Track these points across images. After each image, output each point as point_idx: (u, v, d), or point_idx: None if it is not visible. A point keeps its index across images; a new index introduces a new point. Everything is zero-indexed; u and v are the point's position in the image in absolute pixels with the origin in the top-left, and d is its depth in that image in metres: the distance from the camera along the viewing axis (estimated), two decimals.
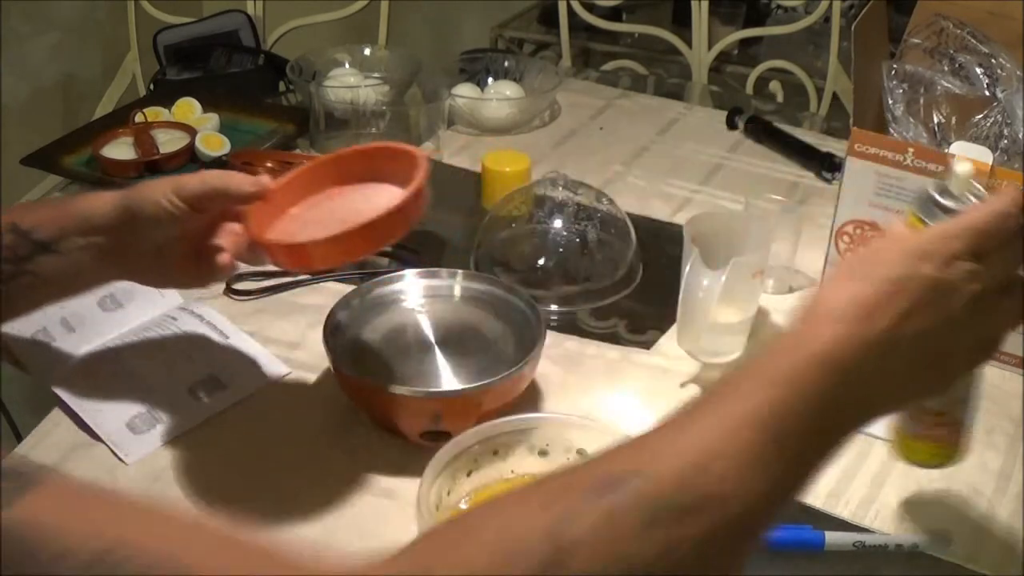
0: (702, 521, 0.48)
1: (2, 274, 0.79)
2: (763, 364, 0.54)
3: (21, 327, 0.95)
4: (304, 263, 0.81)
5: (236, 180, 0.80)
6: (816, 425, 0.52)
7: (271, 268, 1.07)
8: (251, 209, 0.80)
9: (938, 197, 0.64)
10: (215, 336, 0.96)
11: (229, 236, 0.82)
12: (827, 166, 1.30)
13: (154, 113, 1.34)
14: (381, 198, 0.79)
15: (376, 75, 1.52)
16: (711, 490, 0.48)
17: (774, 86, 1.97)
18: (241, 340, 0.96)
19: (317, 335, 0.89)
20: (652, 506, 0.47)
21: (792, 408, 0.51)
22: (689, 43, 1.90)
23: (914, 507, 0.81)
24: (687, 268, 0.90)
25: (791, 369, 0.52)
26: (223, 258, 0.80)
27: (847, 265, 0.59)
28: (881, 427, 0.88)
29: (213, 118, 1.35)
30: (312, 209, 0.83)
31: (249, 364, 0.93)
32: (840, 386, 0.53)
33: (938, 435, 0.78)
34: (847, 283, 0.56)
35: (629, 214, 1.12)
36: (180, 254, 0.82)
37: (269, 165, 1.18)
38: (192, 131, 1.28)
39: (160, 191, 0.79)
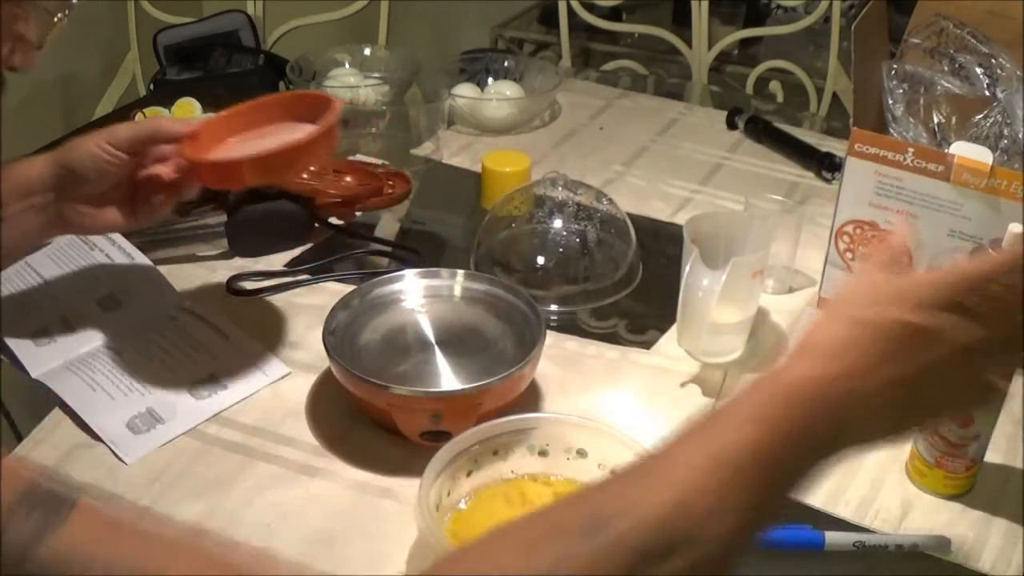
0: (686, 558, 0.50)
1: None
2: (742, 400, 0.55)
3: (21, 327, 0.95)
4: (233, 181, 0.88)
5: (165, 122, 0.88)
6: (790, 458, 0.53)
7: (271, 268, 1.08)
8: (183, 144, 0.86)
9: (991, 252, 0.72)
10: (215, 336, 0.96)
11: (159, 177, 0.88)
12: (827, 166, 1.30)
13: (154, 113, 1.34)
14: (301, 133, 0.87)
15: (376, 75, 1.52)
16: (692, 530, 0.50)
17: (774, 86, 1.97)
18: (241, 340, 0.96)
19: (317, 335, 0.89)
20: (638, 548, 0.49)
21: (767, 444, 0.53)
22: (689, 43, 1.90)
23: (914, 507, 0.81)
24: (687, 268, 0.90)
25: (767, 405, 0.54)
26: (159, 199, 0.88)
27: (830, 305, 0.60)
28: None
29: None
30: (238, 144, 0.90)
31: (249, 364, 0.93)
32: (810, 420, 0.54)
33: (951, 467, 0.79)
34: (827, 324, 0.57)
35: (629, 214, 1.12)
36: (116, 200, 0.88)
37: None
38: None
39: (93, 142, 0.85)
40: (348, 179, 1.19)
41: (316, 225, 1.14)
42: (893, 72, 1.08)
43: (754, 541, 0.54)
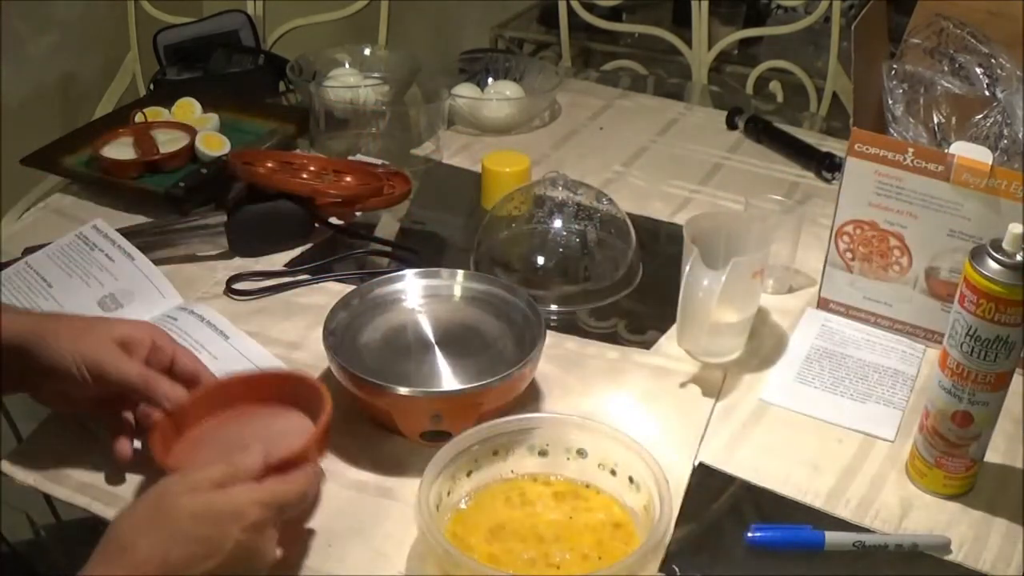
0: None
1: None
2: None
3: None
4: None
5: (156, 388, 0.76)
6: None
7: (271, 268, 1.08)
8: (160, 422, 0.76)
9: (992, 251, 0.72)
10: (215, 336, 0.96)
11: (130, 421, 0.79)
12: (827, 166, 1.30)
13: (154, 113, 1.34)
14: (287, 426, 0.78)
15: (376, 75, 1.52)
16: None
17: (774, 86, 1.97)
18: (241, 340, 0.96)
19: (317, 335, 0.89)
20: None
21: None
22: (689, 43, 1.90)
23: (914, 507, 0.81)
24: (687, 268, 0.90)
25: None
26: (123, 448, 0.78)
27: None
28: (889, 431, 0.89)
29: (213, 118, 1.35)
30: (220, 429, 0.79)
31: (249, 364, 0.93)
32: None
33: (951, 467, 0.79)
34: (154, 544, 0.61)
35: (629, 214, 1.12)
36: (84, 399, 0.79)
37: (269, 165, 1.18)
38: (192, 131, 1.28)
39: (70, 355, 0.75)
40: (348, 179, 1.19)
41: (316, 225, 1.14)
42: (893, 72, 1.08)
43: None
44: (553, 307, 1.04)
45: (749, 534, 0.77)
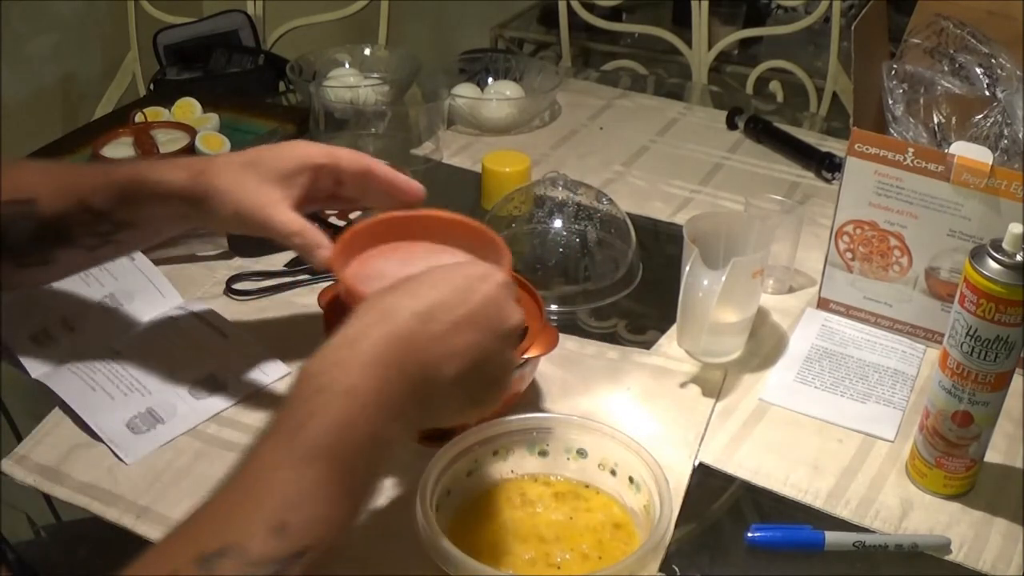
0: (298, 568, 0.52)
1: (86, 244, 0.83)
2: (322, 376, 0.58)
3: (21, 327, 0.95)
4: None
5: (310, 242, 0.82)
6: (379, 427, 0.58)
7: (271, 268, 1.08)
8: (334, 246, 0.81)
9: (992, 251, 0.72)
10: (215, 336, 0.96)
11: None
12: (827, 166, 1.30)
13: (154, 113, 1.34)
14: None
15: (376, 75, 1.52)
16: (295, 544, 0.52)
17: (774, 86, 1.97)
18: (241, 340, 0.96)
19: (317, 335, 0.88)
20: None
21: (353, 420, 0.56)
22: (689, 43, 1.90)
23: (914, 507, 0.81)
24: (687, 268, 0.90)
25: (345, 377, 0.57)
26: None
27: (410, 280, 0.65)
28: (889, 431, 0.89)
29: (213, 118, 1.35)
30: (389, 255, 0.83)
31: (249, 364, 0.93)
32: (396, 380, 0.58)
33: (951, 467, 0.79)
34: (406, 289, 0.63)
35: (629, 214, 1.12)
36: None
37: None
38: (192, 131, 1.28)
39: (234, 214, 0.81)
40: None
41: (316, 225, 1.14)
42: (893, 72, 1.08)
43: (364, 504, 0.59)
44: (553, 307, 1.04)
45: (749, 534, 0.77)
